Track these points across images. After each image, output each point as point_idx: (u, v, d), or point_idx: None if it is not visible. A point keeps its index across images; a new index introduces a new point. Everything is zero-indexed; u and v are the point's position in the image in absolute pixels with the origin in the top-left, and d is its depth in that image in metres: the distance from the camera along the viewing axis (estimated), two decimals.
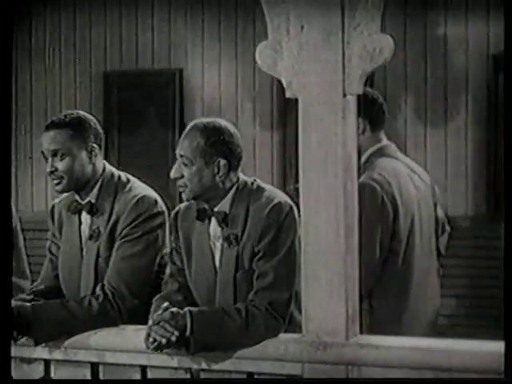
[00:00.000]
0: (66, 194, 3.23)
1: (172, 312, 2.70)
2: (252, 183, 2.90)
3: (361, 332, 2.71)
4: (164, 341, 2.67)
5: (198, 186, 2.84)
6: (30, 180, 7.25)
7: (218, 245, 2.89)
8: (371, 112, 3.48)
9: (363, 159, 3.52)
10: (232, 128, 2.89)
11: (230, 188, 2.87)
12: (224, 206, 2.87)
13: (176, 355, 2.84)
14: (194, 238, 2.96)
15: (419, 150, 6.25)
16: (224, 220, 2.86)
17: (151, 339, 2.70)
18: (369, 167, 3.46)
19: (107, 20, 7.14)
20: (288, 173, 6.67)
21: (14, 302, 2.99)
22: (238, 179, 2.89)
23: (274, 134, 6.76)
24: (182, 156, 2.85)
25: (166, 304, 2.74)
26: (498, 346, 2.41)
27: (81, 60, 7.22)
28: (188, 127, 2.89)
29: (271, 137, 6.76)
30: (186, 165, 2.84)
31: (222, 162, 2.84)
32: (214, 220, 2.89)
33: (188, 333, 2.70)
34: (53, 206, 3.27)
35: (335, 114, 2.60)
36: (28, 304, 2.97)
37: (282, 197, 2.85)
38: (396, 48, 2.54)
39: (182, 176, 2.86)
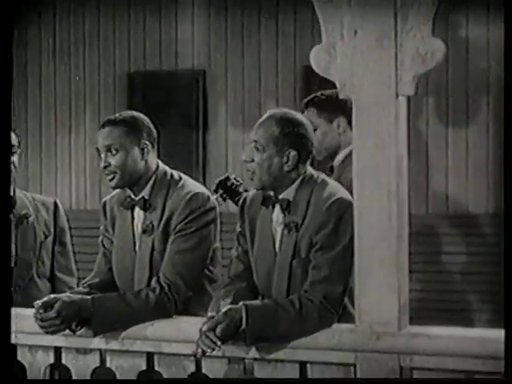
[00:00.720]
0: (116, 191, 3.36)
1: (225, 312, 2.83)
2: (318, 176, 3.02)
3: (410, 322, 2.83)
4: (209, 350, 2.81)
5: (266, 174, 2.97)
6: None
7: (279, 230, 3.02)
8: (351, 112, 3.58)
9: (341, 158, 3.66)
10: (306, 122, 3.01)
11: (296, 178, 3.00)
12: (288, 194, 3.00)
13: (229, 345, 2.97)
14: (259, 223, 3.09)
15: (440, 150, 6.37)
16: (287, 207, 2.99)
17: (199, 350, 2.83)
18: (348, 165, 3.54)
19: (131, 20, 7.22)
20: None
21: (73, 296, 3.11)
22: (306, 171, 3.02)
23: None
24: (255, 141, 2.98)
25: (210, 314, 2.87)
26: None
27: (104, 60, 7.31)
28: (265, 115, 3.02)
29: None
30: (258, 150, 2.98)
31: (293, 153, 2.97)
32: (277, 206, 3.02)
33: (244, 326, 2.82)
34: (104, 202, 3.40)
35: (388, 114, 2.72)
36: (88, 297, 3.09)
37: (343, 192, 2.96)
38: None
39: (253, 160, 2.99)
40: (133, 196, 3.24)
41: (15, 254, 3.70)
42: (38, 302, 3.06)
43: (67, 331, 3.13)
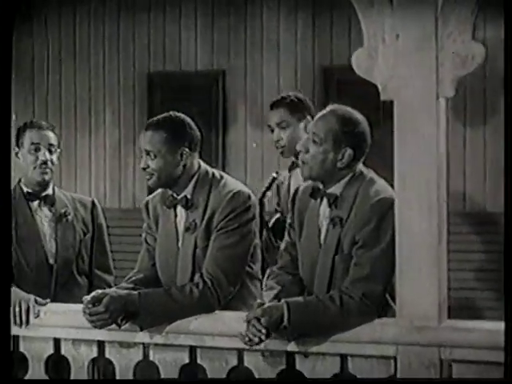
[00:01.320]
0: (159, 190, 3.45)
1: (263, 308, 2.92)
2: (367, 174, 3.11)
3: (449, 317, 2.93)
4: (256, 340, 2.90)
5: (318, 166, 3.06)
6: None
7: (325, 224, 3.11)
8: (315, 113, 3.74)
9: None
10: (365, 123, 3.10)
11: (347, 175, 3.09)
12: (337, 189, 3.08)
13: (272, 339, 3.06)
14: (307, 215, 3.18)
15: (458, 149, 6.45)
16: (334, 202, 3.08)
17: (247, 338, 2.93)
18: None
19: (151, 21, 7.27)
20: None
21: (120, 291, 3.21)
22: (357, 168, 3.10)
23: None
24: (314, 133, 3.06)
25: (258, 301, 2.96)
26: None
27: (124, 61, 7.36)
28: (327, 109, 3.12)
29: None
30: (315, 142, 3.06)
31: (349, 151, 3.06)
32: (325, 200, 3.11)
33: (285, 323, 2.92)
34: (147, 202, 3.50)
35: (428, 115, 2.82)
36: (134, 292, 3.19)
37: (389, 192, 3.03)
38: None
39: (307, 151, 3.07)
40: (175, 195, 3.34)
41: (55, 252, 3.80)
42: (87, 297, 3.16)
43: (112, 325, 3.23)
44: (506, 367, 2.65)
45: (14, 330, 3.46)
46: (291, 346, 3.05)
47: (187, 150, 3.29)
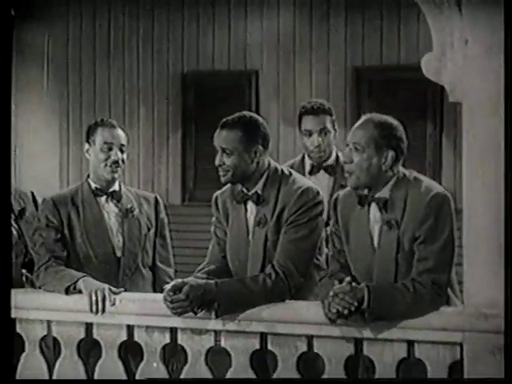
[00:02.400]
0: (227, 186, 3.64)
1: (351, 284, 3.11)
2: (410, 174, 3.30)
3: None
4: (346, 311, 3.08)
5: (364, 173, 3.25)
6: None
7: (377, 228, 3.29)
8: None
9: (334, 158, 4.32)
10: (400, 126, 3.29)
11: (391, 178, 3.28)
12: (384, 192, 3.28)
13: (340, 326, 3.25)
14: (353, 222, 3.36)
15: None
16: (384, 205, 3.26)
17: (333, 310, 3.11)
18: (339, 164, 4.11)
19: (185, 21, 7.38)
20: None
21: (198, 280, 3.41)
22: (398, 171, 3.30)
23: (347, 130, 7.05)
24: (354, 143, 3.26)
25: (348, 278, 3.15)
26: None
27: (158, 60, 7.47)
28: (362, 120, 3.32)
29: (345, 133, 7.06)
30: (357, 150, 3.26)
31: (391, 153, 3.25)
32: (373, 205, 3.30)
33: (365, 305, 3.11)
34: (216, 197, 3.69)
35: (495, 116, 3.00)
36: (212, 281, 3.38)
37: (439, 188, 3.24)
38: None
39: (351, 161, 3.26)
40: (246, 191, 3.53)
41: (122, 245, 3.98)
42: (168, 286, 3.35)
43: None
44: (506, 367, 2.90)
45: (88, 318, 3.65)
46: (360, 332, 3.24)
47: (260, 147, 3.47)
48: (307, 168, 4.43)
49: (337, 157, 4.37)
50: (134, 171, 7.43)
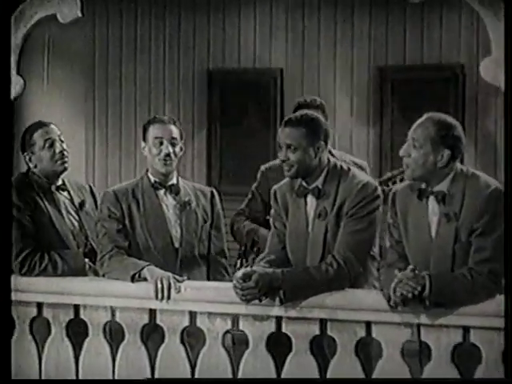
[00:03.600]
0: (284, 180, 3.85)
1: (414, 272, 3.33)
2: (467, 170, 3.51)
3: None
4: (410, 295, 3.29)
5: (420, 168, 3.46)
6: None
7: (435, 219, 3.50)
8: None
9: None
10: (460, 126, 3.50)
11: (449, 173, 3.49)
12: (443, 186, 3.49)
13: (398, 312, 3.46)
14: (411, 214, 3.56)
15: None
16: (443, 199, 3.46)
17: (398, 293, 3.32)
18: None
19: (211, 19, 7.47)
20: (384, 165, 7.12)
21: (266, 269, 3.61)
22: (456, 167, 3.51)
23: (370, 129, 7.22)
24: (413, 139, 3.46)
25: (411, 266, 3.36)
26: None
27: (184, 57, 7.56)
28: (424, 117, 3.50)
29: (367, 132, 7.24)
30: (415, 146, 3.46)
31: (447, 152, 3.46)
32: (431, 198, 3.50)
33: (426, 292, 3.32)
34: (275, 191, 3.89)
35: None
36: (278, 270, 3.59)
37: (497, 183, 3.45)
38: None
39: (409, 156, 3.47)
40: (306, 185, 3.73)
41: (180, 236, 4.17)
42: (238, 274, 3.56)
43: None
44: (506, 367, 3.10)
45: (152, 304, 3.85)
46: (418, 318, 3.45)
47: (323, 143, 3.68)
48: None
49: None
50: None
